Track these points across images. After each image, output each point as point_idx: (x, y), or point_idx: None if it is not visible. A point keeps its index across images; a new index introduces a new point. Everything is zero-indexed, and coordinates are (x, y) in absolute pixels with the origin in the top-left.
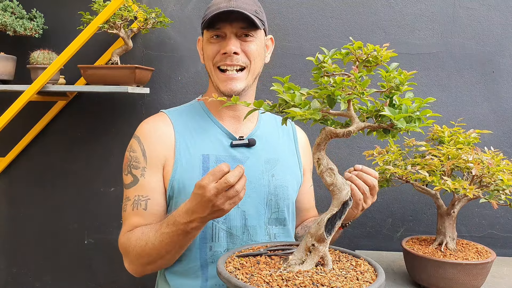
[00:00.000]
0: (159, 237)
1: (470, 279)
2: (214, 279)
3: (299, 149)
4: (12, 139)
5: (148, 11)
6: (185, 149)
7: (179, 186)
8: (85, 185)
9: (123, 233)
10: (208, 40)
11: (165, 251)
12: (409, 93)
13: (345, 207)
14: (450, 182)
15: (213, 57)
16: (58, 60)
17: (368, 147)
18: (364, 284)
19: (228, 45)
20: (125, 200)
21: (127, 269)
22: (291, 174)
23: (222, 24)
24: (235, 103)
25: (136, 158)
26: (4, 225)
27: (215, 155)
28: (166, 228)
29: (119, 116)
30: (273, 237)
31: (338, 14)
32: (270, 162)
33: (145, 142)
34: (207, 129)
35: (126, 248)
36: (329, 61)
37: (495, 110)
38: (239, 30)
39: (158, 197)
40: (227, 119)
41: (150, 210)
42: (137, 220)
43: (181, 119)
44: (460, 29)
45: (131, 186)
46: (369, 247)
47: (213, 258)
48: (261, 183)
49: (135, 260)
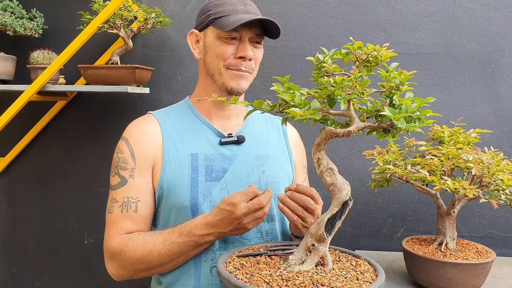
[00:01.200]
0: (167, 246)
1: (470, 279)
2: (206, 279)
3: (289, 144)
4: (12, 139)
5: (148, 11)
6: (173, 149)
7: (168, 186)
8: (85, 185)
9: (113, 236)
10: (222, 39)
11: (169, 259)
12: (409, 93)
13: (345, 207)
14: (450, 182)
15: (226, 58)
16: (58, 60)
17: (368, 147)
18: (364, 284)
19: (247, 50)
20: (111, 201)
21: (111, 274)
22: (282, 169)
23: (241, 27)
24: (235, 103)
25: (124, 159)
26: (4, 225)
27: (204, 154)
28: (179, 237)
29: (119, 116)
30: (265, 234)
31: (338, 14)
32: (261, 158)
33: (133, 143)
34: (195, 128)
35: (119, 253)
36: (329, 61)
37: (495, 110)
38: (253, 36)
39: (148, 199)
40: (215, 118)
41: (140, 213)
42: (128, 224)
43: (169, 119)
44: (460, 29)
45: (118, 187)
46: (369, 247)
47: (206, 257)
48: (251, 180)
49: (129, 266)
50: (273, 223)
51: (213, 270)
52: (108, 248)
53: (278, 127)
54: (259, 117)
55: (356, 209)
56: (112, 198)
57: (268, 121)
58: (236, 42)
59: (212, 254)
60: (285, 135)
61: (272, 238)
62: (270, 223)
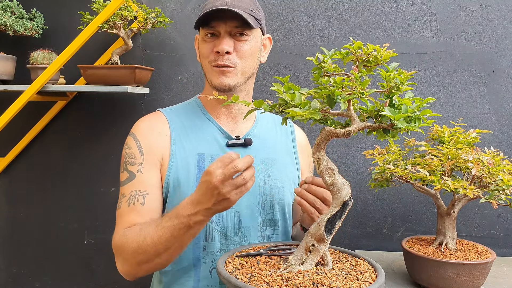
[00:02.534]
0: (159, 231)
1: (470, 279)
2: (206, 280)
3: (297, 148)
4: (12, 139)
5: (148, 11)
6: (181, 148)
7: (174, 185)
8: (85, 185)
9: (118, 231)
10: (203, 38)
11: (163, 247)
12: (409, 93)
13: (345, 207)
14: (450, 182)
15: (208, 55)
16: (58, 60)
17: (368, 147)
18: (364, 284)
19: (221, 44)
20: (120, 197)
21: (120, 271)
22: (288, 174)
23: (216, 22)
24: (235, 102)
25: (132, 154)
26: (4, 225)
27: (211, 155)
28: (168, 221)
29: (119, 116)
30: (266, 238)
31: (338, 14)
32: (267, 162)
33: (141, 139)
34: (203, 128)
35: (121, 246)
36: (329, 61)
37: (495, 110)
38: (233, 29)
39: (157, 192)
40: (224, 117)
41: (148, 206)
42: (133, 217)
43: (178, 118)
44: (460, 29)
45: (127, 183)
46: (369, 247)
47: (206, 259)
48: (256, 184)
49: (130, 258)
50: (276, 228)
51: (213, 271)
52: (113, 243)
53: (286, 130)
54: (267, 119)
55: (356, 209)
56: (121, 194)
57: (277, 124)
58: (217, 39)
59: (212, 255)
60: (293, 139)
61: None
62: (272, 228)
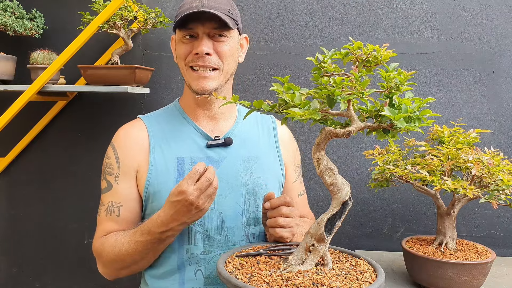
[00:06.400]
0: (133, 245)
1: (470, 279)
2: (191, 282)
3: (279, 144)
4: (12, 139)
5: (148, 11)
6: (160, 153)
7: (154, 191)
8: (85, 185)
9: (97, 237)
10: (180, 39)
11: (139, 257)
12: (409, 93)
13: (345, 207)
14: (450, 182)
15: (185, 57)
16: (58, 60)
17: (368, 147)
18: (364, 284)
19: (200, 45)
20: (100, 204)
21: (100, 272)
22: (271, 171)
23: (194, 24)
24: (234, 102)
25: (111, 164)
26: (4, 225)
27: (190, 157)
28: (140, 236)
29: (119, 116)
30: (251, 237)
31: (338, 14)
32: (249, 160)
33: (119, 149)
34: (182, 131)
35: (100, 253)
36: (329, 61)
37: (495, 110)
38: (211, 31)
39: (131, 204)
40: (203, 119)
41: (123, 217)
42: (111, 226)
43: (157, 123)
44: (460, 29)
45: (105, 192)
46: (369, 247)
47: (190, 261)
48: (238, 183)
49: (109, 265)
50: (260, 226)
51: (198, 273)
52: (93, 248)
53: (268, 127)
54: (249, 118)
55: (356, 209)
56: (101, 202)
57: (259, 121)
58: (195, 40)
59: (196, 258)
60: (275, 135)
61: (259, 241)
62: (257, 226)
